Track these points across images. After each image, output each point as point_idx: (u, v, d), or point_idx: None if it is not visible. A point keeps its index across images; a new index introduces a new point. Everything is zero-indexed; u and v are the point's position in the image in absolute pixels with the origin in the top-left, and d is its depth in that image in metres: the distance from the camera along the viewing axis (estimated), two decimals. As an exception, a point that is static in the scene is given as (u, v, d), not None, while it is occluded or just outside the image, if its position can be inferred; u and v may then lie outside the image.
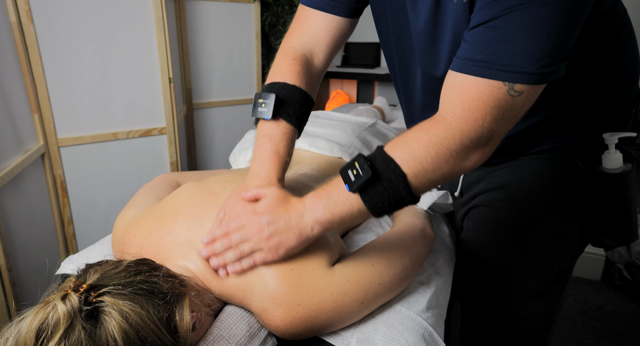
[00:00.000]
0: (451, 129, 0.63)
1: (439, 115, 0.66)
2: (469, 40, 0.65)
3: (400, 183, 0.64)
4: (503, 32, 0.60)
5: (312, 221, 0.69)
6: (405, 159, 0.64)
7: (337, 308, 0.68)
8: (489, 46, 0.62)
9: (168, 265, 0.73)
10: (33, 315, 0.51)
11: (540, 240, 0.88)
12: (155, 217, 0.80)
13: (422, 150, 0.63)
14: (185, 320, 0.59)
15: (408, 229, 0.88)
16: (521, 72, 0.60)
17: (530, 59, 0.60)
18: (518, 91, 0.61)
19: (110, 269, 0.59)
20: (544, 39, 0.59)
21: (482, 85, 0.62)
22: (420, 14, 0.75)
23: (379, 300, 0.73)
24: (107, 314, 0.52)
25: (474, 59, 0.63)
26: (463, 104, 0.63)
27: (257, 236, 0.70)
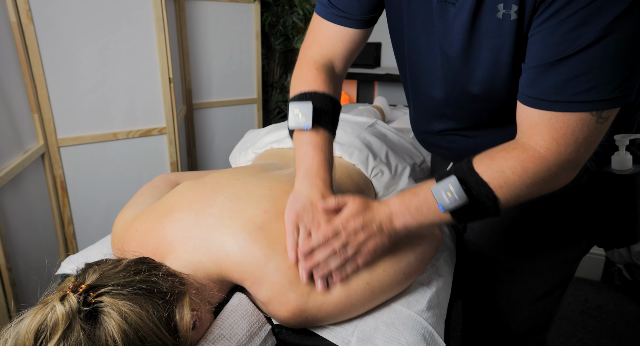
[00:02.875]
0: (547, 163, 0.66)
1: (531, 148, 0.67)
2: (540, 73, 0.65)
3: (492, 206, 0.68)
4: (581, 68, 0.62)
5: (401, 226, 0.73)
6: (499, 186, 0.67)
7: (346, 297, 0.71)
8: (565, 83, 0.63)
9: (172, 256, 0.73)
10: (32, 316, 0.51)
11: (548, 242, 0.88)
12: (157, 212, 0.80)
13: (517, 180, 0.67)
14: (185, 319, 0.59)
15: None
16: (605, 100, 0.62)
17: (612, 86, 0.62)
18: (605, 117, 0.64)
19: (109, 269, 0.58)
20: (620, 66, 0.61)
21: (573, 120, 0.64)
22: (452, 27, 0.73)
23: (384, 292, 0.75)
24: (106, 314, 0.52)
25: (551, 96, 0.65)
26: (557, 141, 0.65)
27: (355, 239, 0.72)
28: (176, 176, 1.05)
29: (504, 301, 0.96)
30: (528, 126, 0.68)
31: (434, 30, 0.77)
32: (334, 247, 0.71)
